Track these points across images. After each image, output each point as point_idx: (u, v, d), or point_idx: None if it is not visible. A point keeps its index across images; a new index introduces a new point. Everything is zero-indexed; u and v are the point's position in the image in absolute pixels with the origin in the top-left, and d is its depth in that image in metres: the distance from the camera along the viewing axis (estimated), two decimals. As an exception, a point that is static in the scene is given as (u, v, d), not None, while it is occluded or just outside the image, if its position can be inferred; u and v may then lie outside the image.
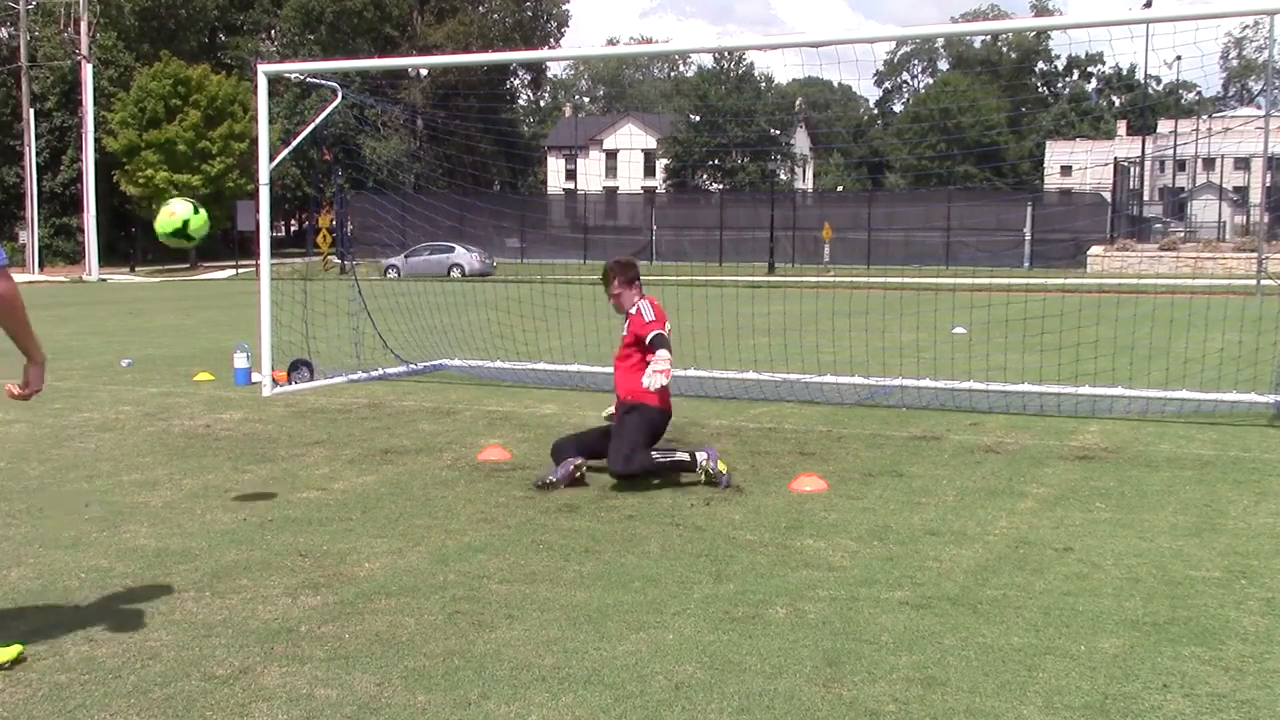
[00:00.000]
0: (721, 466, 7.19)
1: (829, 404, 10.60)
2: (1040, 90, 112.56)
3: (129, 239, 56.07)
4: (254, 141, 11.59)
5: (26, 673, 4.14)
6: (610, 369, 8.29)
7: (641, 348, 7.45)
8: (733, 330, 13.88)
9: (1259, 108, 72.53)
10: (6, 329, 4.37)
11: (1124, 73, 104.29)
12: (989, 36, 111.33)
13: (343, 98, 12.94)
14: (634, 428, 7.31)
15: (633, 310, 7.57)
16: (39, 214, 48.14)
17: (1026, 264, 46.29)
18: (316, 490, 7.05)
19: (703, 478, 7.20)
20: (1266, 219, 39.31)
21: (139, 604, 4.88)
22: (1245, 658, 4.29)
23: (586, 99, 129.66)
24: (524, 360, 13.18)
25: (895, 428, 9.31)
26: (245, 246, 44.23)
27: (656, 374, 7.21)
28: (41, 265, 47.07)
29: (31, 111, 47.91)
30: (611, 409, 7.88)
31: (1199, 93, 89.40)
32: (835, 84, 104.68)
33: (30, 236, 46.91)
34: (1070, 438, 8.83)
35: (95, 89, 46.60)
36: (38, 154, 48.27)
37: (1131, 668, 4.19)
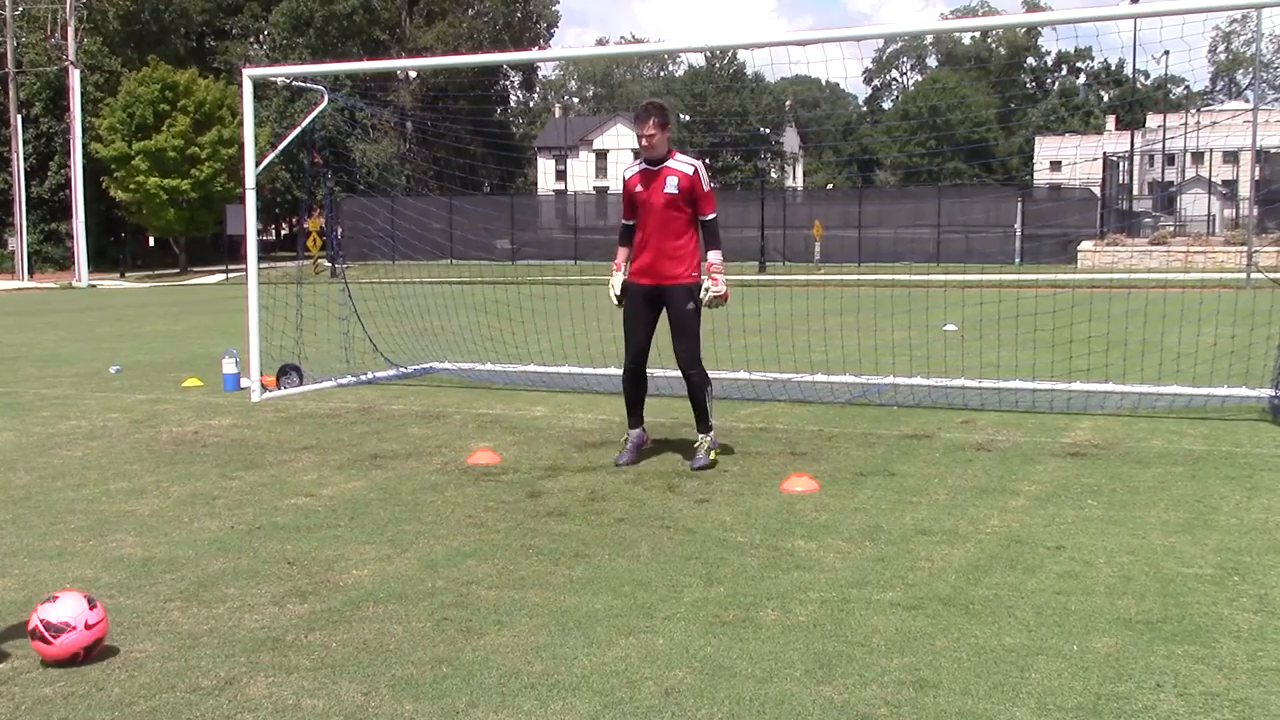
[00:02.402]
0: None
1: (820, 403, 10.58)
2: (1029, 86, 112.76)
3: (118, 245, 55.95)
4: (242, 146, 11.54)
5: (9, 686, 4.10)
6: (609, 371, 8.28)
7: (686, 213, 7.44)
8: (723, 330, 13.85)
9: (1247, 101, 72.68)
10: None
11: (1112, 68, 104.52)
12: (978, 33, 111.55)
13: (331, 101, 12.89)
14: (697, 323, 7.57)
15: (677, 164, 7.44)
16: (27, 220, 47.99)
17: (1017, 260, 46.34)
18: (305, 496, 7.01)
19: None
20: (1255, 212, 39.35)
21: (124, 614, 4.83)
22: (1238, 656, 4.27)
23: (576, 99, 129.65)
24: (514, 363, 13.15)
25: (886, 426, 9.29)
26: (235, 251, 44.13)
27: (718, 292, 7.45)
28: (30, 272, 46.91)
29: (18, 118, 47.74)
30: (618, 282, 7.77)
31: (1187, 87, 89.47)
32: (824, 82, 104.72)
33: (19, 243, 46.75)
34: (1062, 434, 8.82)
35: (82, 95, 46.47)
36: (25, 160, 48.10)
37: (1124, 667, 4.16)
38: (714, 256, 7.54)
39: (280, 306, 12.96)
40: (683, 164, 7.48)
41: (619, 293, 7.78)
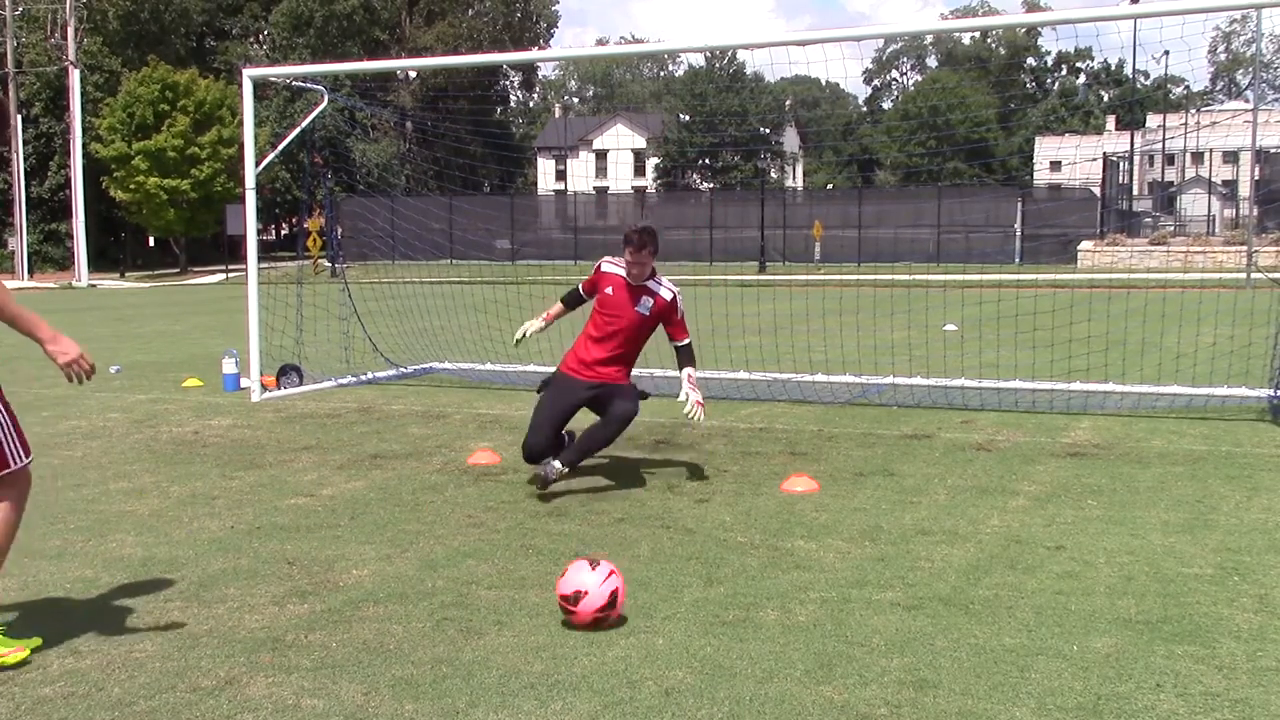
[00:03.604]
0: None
1: (820, 403, 10.58)
2: (1029, 86, 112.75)
3: (118, 245, 55.94)
4: (242, 146, 11.54)
5: (9, 686, 4.10)
6: None
7: (646, 334, 7.33)
8: (723, 330, 13.86)
9: (1247, 101, 72.65)
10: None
11: (1112, 68, 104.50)
12: (978, 33, 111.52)
13: (330, 101, 12.89)
14: (631, 416, 7.19)
15: (658, 289, 7.26)
16: (27, 220, 47.98)
17: (1017, 260, 46.32)
18: (305, 496, 7.01)
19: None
20: (1255, 212, 39.35)
21: (124, 614, 4.84)
22: (1238, 656, 4.27)
23: (576, 99, 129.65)
24: (514, 363, 13.14)
25: (886, 426, 9.29)
26: (235, 251, 44.12)
27: (697, 401, 7.21)
28: (31, 272, 46.89)
29: (18, 118, 47.72)
30: (534, 327, 7.64)
31: (1187, 87, 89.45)
32: (824, 82, 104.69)
33: (19, 243, 46.74)
34: (1062, 434, 8.82)
35: (82, 95, 46.46)
36: (25, 160, 48.09)
37: (1124, 667, 4.16)
38: (690, 370, 7.36)
39: (280, 306, 12.95)
40: (663, 289, 7.28)
41: (531, 330, 7.63)
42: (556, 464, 6.95)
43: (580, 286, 7.69)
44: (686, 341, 7.44)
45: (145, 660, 4.33)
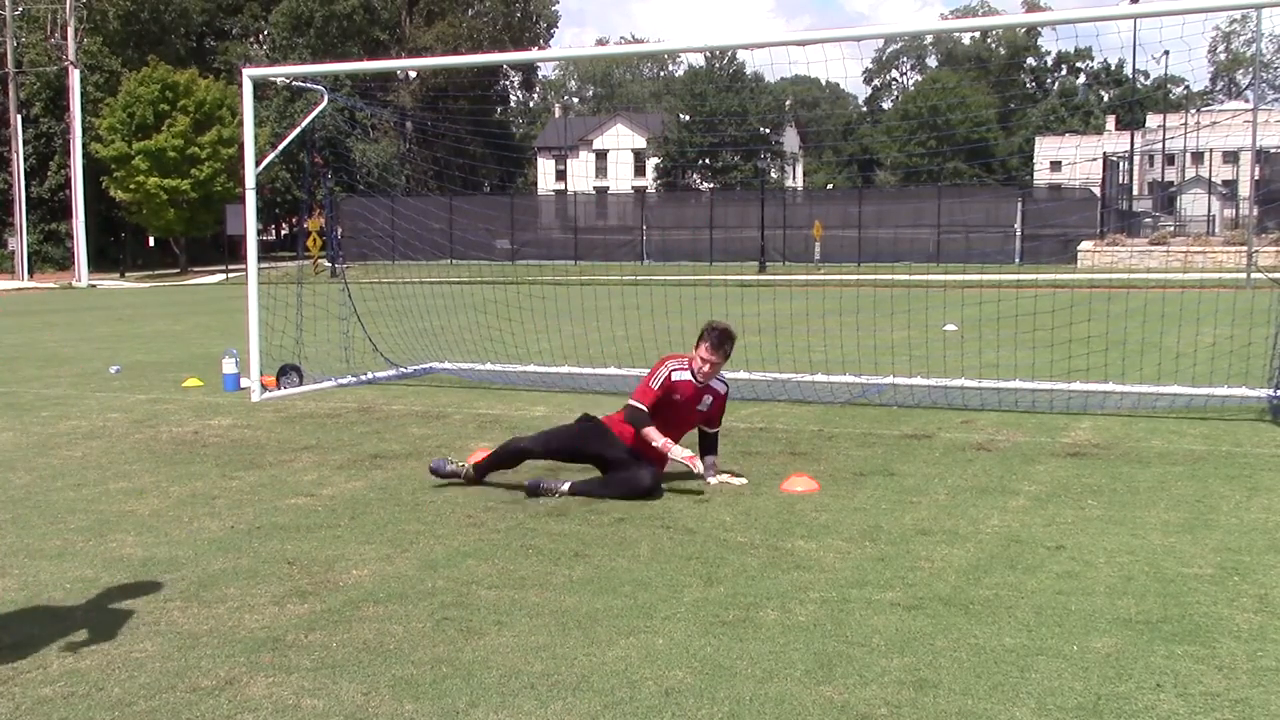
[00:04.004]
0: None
1: (820, 403, 10.57)
2: (1029, 86, 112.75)
3: (118, 244, 55.95)
4: (242, 146, 11.57)
5: (9, 686, 4.10)
6: (608, 371, 8.07)
7: (696, 423, 7.29)
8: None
9: (1247, 101, 72.65)
10: None
11: (1112, 68, 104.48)
12: (978, 33, 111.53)
13: (330, 101, 12.89)
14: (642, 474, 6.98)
15: (717, 385, 7.33)
16: (27, 220, 47.98)
17: (1017, 260, 46.32)
18: (305, 496, 7.01)
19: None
20: (1255, 212, 39.35)
21: (124, 614, 4.83)
22: (1238, 656, 4.27)
23: (576, 99, 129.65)
24: (514, 363, 13.15)
25: (886, 426, 9.29)
26: (235, 251, 44.14)
27: (731, 480, 7.22)
28: (30, 272, 46.91)
29: (18, 118, 47.73)
30: (685, 453, 7.03)
31: (1187, 87, 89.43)
32: (824, 82, 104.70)
33: (19, 243, 46.75)
34: (1062, 434, 8.82)
35: (82, 95, 46.47)
36: (25, 160, 48.10)
37: (1124, 667, 4.16)
38: (711, 458, 7.35)
39: (280, 306, 12.96)
40: (720, 384, 7.37)
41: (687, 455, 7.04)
42: (565, 486, 6.90)
43: (643, 404, 7.05)
44: (717, 431, 7.48)
45: (145, 660, 4.33)
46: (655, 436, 6.99)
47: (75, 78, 45.62)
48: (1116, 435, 8.76)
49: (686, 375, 7.17)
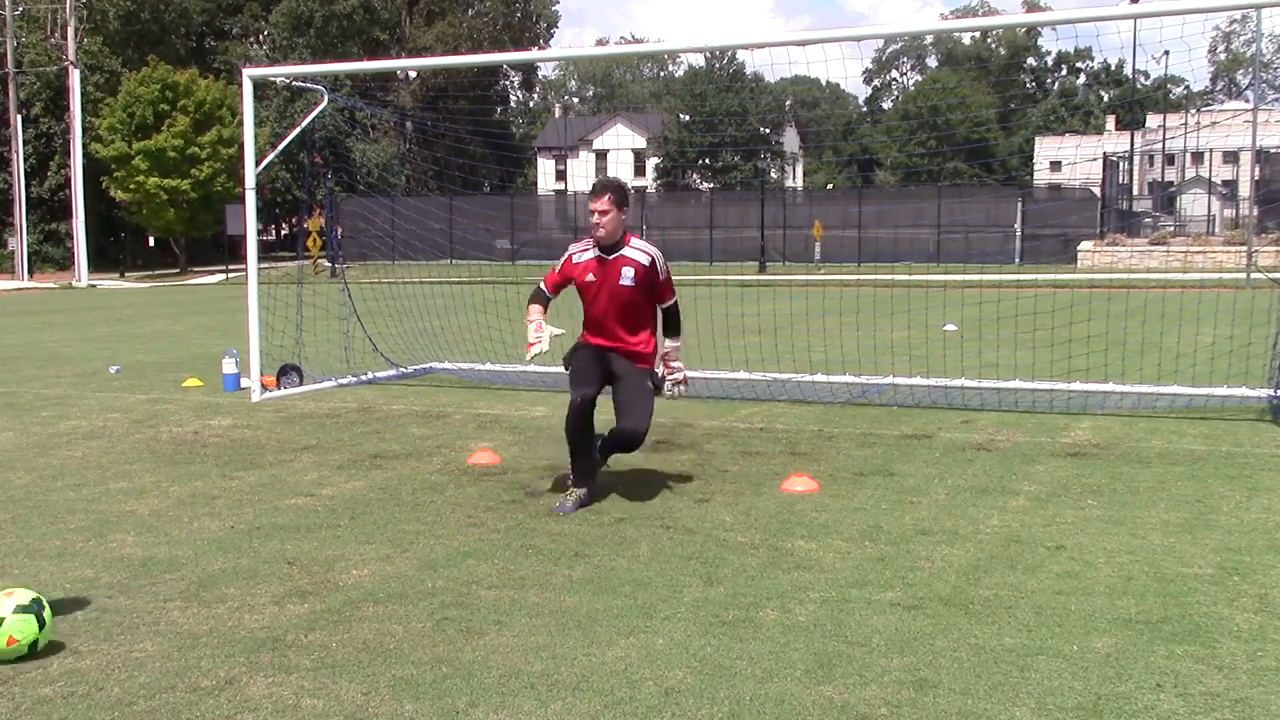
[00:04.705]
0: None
1: (820, 403, 10.57)
2: (1029, 86, 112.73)
3: (118, 244, 55.92)
4: (242, 146, 11.58)
5: (9, 686, 4.10)
6: None
7: (645, 306, 6.91)
8: (723, 330, 13.86)
9: (1247, 101, 72.64)
10: None
11: (1112, 68, 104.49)
12: (978, 33, 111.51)
13: (330, 101, 12.89)
14: (650, 399, 6.88)
15: (632, 252, 6.84)
16: (27, 220, 47.98)
17: (1017, 260, 46.30)
18: (305, 496, 7.01)
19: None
20: (1255, 212, 39.34)
21: (124, 614, 4.84)
22: (1238, 656, 4.27)
23: (576, 99, 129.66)
24: (514, 363, 13.14)
25: (886, 426, 9.29)
26: (235, 250, 44.12)
27: (676, 378, 6.97)
28: (30, 272, 46.89)
29: (18, 118, 47.75)
30: (547, 338, 6.89)
31: (1187, 87, 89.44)
32: (824, 82, 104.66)
33: (19, 243, 46.75)
34: (1062, 434, 8.82)
35: (82, 95, 46.47)
36: (25, 160, 48.10)
37: (1124, 667, 4.16)
38: (671, 344, 7.01)
39: (280, 306, 12.96)
40: (639, 253, 6.88)
41: (546, 348, 6.91)
42: (582, 493, 6.67)
43: (544, 284, 7.14)
44: (671, 303, 7.02)
45: (145, 660, 4.33)
46: (532, 315, 6.98)
47: (75, 78, 45.60)
48: (1116, 435, 8.76)
49: (589, 252, 6.94)
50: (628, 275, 6.85)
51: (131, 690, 4.06)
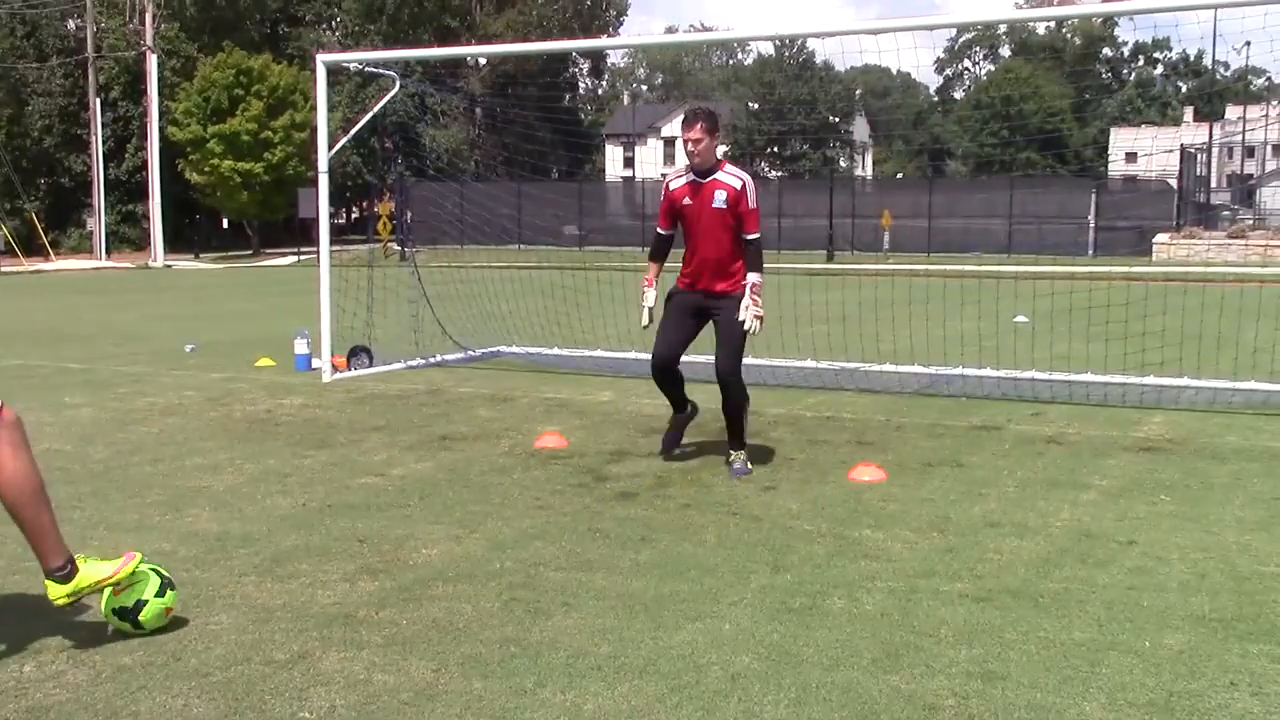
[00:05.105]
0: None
1: (888, 393, 10.51)
2: (1105, 77, 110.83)
3: (193, 226, 56.82)
4: (314, 130, 11.75)
5: (90, 654, 4.21)
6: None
7: (726, 231, 7.04)
8: (790, 318, 13.79)
9: (1331, 93, 70.88)
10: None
11: (1191, 59, 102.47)
12: (1053, 23, 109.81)
13: (401, 87, 13.00)
14: (744, 336, 7.11)
15: (726, 176, 7.03)
16: (105, 201, 48.92)
17: (1091, 252, 45.63)
18: (375, 476, 7.10)
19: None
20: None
21: (200, 587, 4.94)
22: (1316, 655, 4.19)
23: (644, 87, 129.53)
24: (581, 347, 13.19)
25: (955, 417, 9.21)
26: (307, 233, 44.68)
27: (757, 313, 7.05)
28: (108, 252, 47.82)
29: (97, 101, 48.67)
30: (652, 298, 7.37)
31: (1269, 78, 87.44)
32: (895, 71, 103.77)
33: (97, 224, 47.70)
34: (1134, 428, 8.69)
35: (159, 79, 47.24)
36: (104, 143, 49.03)
37: (1197, 665, 4.11)
38: (754, 278, 7.09)
39: (351, 289, 13.11)
40: (731, 177, 7.07)
41: (651, 305, 7.37)
42: (743, 462, 7.14)
43: (660, 225, 7.43)
44: (753, 237, 7.14)
45: (221, 632, 4.42)
46: (646, 279, 7.48)
47: (153, 62, 46.37)
48: (1191, 430, 8.62)
49: (682, 178, 7.20)
50: (720, 198, 7.05)
51: (208, 661, 4.14)
